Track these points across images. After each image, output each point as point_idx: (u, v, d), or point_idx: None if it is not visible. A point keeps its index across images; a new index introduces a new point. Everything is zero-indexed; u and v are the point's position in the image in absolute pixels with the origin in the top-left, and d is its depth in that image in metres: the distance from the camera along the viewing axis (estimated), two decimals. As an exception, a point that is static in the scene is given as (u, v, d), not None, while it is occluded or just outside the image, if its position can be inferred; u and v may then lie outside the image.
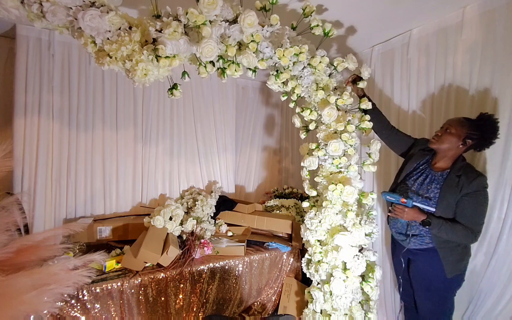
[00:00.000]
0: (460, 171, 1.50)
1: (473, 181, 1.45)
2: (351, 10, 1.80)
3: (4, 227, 1.29)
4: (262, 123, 3.52)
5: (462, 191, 1.46)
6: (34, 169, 2.09)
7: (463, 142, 1.50)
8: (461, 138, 1.51)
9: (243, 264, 2.13)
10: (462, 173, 1.49)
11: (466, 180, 1.46)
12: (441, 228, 1.48)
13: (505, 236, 1.56)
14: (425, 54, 1.94)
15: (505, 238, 1.56)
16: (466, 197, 1.46)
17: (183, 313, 1.91)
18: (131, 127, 2.56)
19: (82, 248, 2.00)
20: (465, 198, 1.46)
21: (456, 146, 1.52)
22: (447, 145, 1.54)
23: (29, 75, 2.06)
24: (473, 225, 1.46)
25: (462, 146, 1.52)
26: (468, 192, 1.46)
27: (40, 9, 1.17)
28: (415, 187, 1.62)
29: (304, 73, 1.68)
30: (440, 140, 1.56)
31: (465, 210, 1.47)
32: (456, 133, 1.52)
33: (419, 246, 1.60)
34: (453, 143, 1.52)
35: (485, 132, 1.47)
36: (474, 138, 1.49)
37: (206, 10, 1.26)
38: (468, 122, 1.51)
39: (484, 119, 1.48)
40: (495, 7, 1.58)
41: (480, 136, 1.48)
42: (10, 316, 1.08)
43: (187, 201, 2.57)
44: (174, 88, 1.49)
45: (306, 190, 1.94)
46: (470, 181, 1.45)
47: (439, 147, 1.57)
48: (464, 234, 1.46)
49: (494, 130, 1.46)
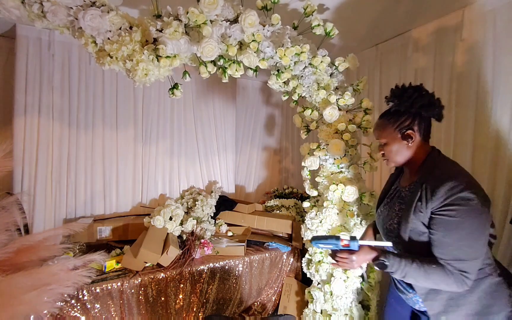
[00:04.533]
0: (426, 177, 1.06)
1: (440, 188, 0.98)
2: (351, 10, 1.80)
3: (4, 227, 1.29)
4: (262, 123, 3.52)
5: (428, 206, 1.01)
6: (34, 169, 2.08)
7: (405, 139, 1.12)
8: (398, 138, 1.14)
9: (243, 264, 2.13)
10: (428, 178, 1.05)
11: (429, 189, 1.02)
12: (404, 269, 1.03)
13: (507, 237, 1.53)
14: (426, 54, 1.94)
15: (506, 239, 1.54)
16: (436, 215, 1.00)
17: (183, 313, 1.91)
18: (131, 127, 2.55)
19: (82, 248, 1.99)
20: (435, 217, 1.00)
21: (404, 148, 1.14)
22: (398, 159, 1.17)
23: (29, 75, 2.06)
24: (451, 260, 0.97)
25: (411, 143, 1.12)
26: (436, 207, 0.99)
27: (41, 9, 1.17)
28: (382, 218, 1.24)
29: (305, 72, 1.68)
30: (387, 158, 1.21)
31: (435, 235, 1.00)
32: (391, 139, 1.16)
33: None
34: (401, 151, 1.15)
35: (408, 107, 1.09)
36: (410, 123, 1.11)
37: (207, 9, 1.26)
38: (388, 118, 1.17)
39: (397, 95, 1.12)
40: (495, 7, 1.58)
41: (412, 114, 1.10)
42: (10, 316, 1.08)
43: (187, 201, 2.57)
44: (175, 88, 1.49)
45: (306, 190, 1.94)
46: (433, 189, 1.00)
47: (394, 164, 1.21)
48: (440, 276, 0.98)
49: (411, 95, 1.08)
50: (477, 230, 0.96)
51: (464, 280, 0.96)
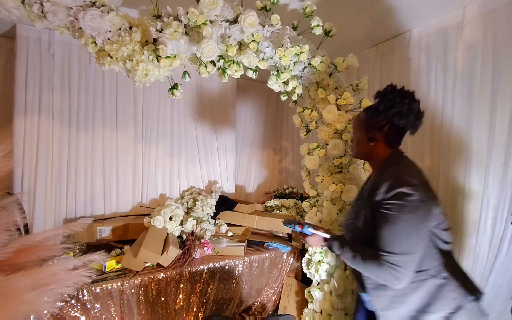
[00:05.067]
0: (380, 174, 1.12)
1: (384, 183, 1.03)
2: (351, 10, 1.80)
3: (4, 227, 1.29)
4: (262, 123, 3.52)
5: (375, 200, 1.06)
6: (34, 169, 2.08)
7: (368, 137, 1.16)
8: (364, 133, 1.18)
9: (243, 264, 2.13)
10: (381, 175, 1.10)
11: (378, 184, 1.06)
12: (346, 254, 1.11)
13: (509, 237, 1.54)
14: (426, 54, 1.94)
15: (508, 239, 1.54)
16: (379, 209, 1.04)
17: (183, 313, 1.91)
18: (131, 127, 2.55)
19: (82, 248, 1.99)
20: (378, 211, 1.04)
21: (367, 147, 1.18)
22: (359, 151, 1.23)
23: (29, 75, 2.06)
24: (385, 250, 0.99)
25: (373, 143, 1.16)
26: (379, 201, 1.04)
27: (41, 9, 1.17)
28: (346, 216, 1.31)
29: (304, 73, 1.68)
30: (352, 147, 1.26)
31: (376, 228, 1.04)
32: (359, 130, 1.20)
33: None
34: (363, 145, 1.20)
35: (386, 108, 1.10)
36: (380, 125, 1.13)
37: (206, 10, 1.26)
38: (365, 112, 1.20)
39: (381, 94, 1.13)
40: (496, 7, 1.58)
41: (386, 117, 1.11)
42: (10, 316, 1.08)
43: (187, 201, 2.57)
44: (175, 88, 1.49)
45: (306, 190, 1.94)
46: (380, 184, 1.05)
47: (354, 155, 1.27)
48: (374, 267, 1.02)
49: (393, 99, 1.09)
50: (411, 226, 0.97)
51: (395, 274, 0.97)
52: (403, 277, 0.97)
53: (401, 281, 0.98)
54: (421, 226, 0.98)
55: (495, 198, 1.58)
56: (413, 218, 0.97)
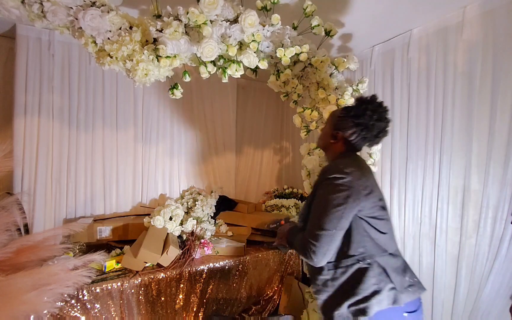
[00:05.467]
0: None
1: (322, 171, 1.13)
2: (351, 10, 1.80)
3: (4, 227, 1.29)
4: (262, 123, 3.52)
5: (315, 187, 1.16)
6: (34, 169, 2.08)
7: (332, 135, 1.24)
8: (331, 129, 1.25)
9: (243, 264, 2.13)
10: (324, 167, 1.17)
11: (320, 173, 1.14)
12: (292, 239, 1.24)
13: (508, 237, 1.54)
14: (426, 54, 1.94)
15: (508, 239, 1.54)
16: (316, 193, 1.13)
17: (183, 313, 1.91)
18: (131, 127, 2.55)
19: (82, 248, 1.99)
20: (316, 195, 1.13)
21: (328, 141, 1.26)
22: (321, 141, 1.32)
23: (29, 75, 2.05)
24: (308, 227, 1.10)
25: (333, 141, 1.23)
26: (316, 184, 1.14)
27: (41, 9, 1.17)
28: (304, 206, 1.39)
29: (305, 72, 1.68)
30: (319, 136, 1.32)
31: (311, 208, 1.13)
32: (328, 124, 1.28)
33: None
34: (326, 137, 1.28)
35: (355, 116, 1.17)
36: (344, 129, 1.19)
37: (207, 10, 1.26)
38: (340, 110, 1.26)
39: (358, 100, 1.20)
40: (496, 7, 1.58)
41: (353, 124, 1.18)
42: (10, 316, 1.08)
43: (187, 201, 2.57)
44: (175, 88, 1.49)
45: (306, 190, 1.94)
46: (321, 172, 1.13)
47: (317, 144, 1.36)
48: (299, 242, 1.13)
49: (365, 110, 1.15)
50: (332, 205, 1.04)
51: (311, 248, 1.05)
52: (317, 251, 1.04)
53: (316, 256, 1.05)
54: (341, 208, 1.03)
55: (495, 198, 1.58)
56: (334, 199, 1.03)
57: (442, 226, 1.83)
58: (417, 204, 1.97)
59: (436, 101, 1.87)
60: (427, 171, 1.91)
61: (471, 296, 1.71)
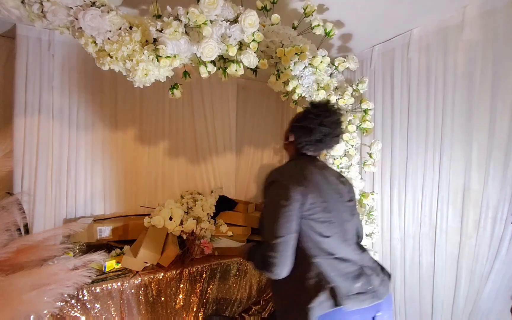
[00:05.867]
0: None
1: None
2: (351, 10, 1.80)
3: (4, 227, 1.29)
4: (262, 123, 3.52)
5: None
6: (34, 169, 2.08)
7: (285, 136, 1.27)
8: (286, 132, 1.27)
9: (243, 264, 2.13)
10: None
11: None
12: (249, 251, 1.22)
13: (508, 237, 1.54)
14: (426, 54, 1.94)
15: (508, 239, 1.54)
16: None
17: (183, 313, 1.91)
18: (131, 127, 2.55)
19: (82, 248, 1.99)
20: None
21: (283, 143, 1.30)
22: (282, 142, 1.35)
23: (29, 75, 2.05)
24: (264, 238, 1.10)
25: (286, 142, 1.26)
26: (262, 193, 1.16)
27: (41, 9, 1.17)
28: None
29: (305, 73, 1.68)
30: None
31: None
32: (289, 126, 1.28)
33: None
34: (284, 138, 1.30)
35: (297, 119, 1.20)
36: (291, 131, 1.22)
37: (206, 10, 1.26)
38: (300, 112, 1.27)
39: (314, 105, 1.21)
40: (496, 7, 1.58)
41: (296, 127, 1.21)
42: (10, 316, 1.08)
43: (187, 201, 2.57)
44: (175, 88, 1.49)
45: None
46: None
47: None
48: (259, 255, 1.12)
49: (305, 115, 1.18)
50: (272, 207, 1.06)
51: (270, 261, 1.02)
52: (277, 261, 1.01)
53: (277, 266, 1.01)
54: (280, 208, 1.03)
55: (495, 198, 1.58)
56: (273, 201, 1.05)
57: (442, 226, 1.83)
58: (417, 204, 1.97)
59: (436, 101, 1.87)
60: (427, 171, 1.91)
61: (471, 296, 1.71)
